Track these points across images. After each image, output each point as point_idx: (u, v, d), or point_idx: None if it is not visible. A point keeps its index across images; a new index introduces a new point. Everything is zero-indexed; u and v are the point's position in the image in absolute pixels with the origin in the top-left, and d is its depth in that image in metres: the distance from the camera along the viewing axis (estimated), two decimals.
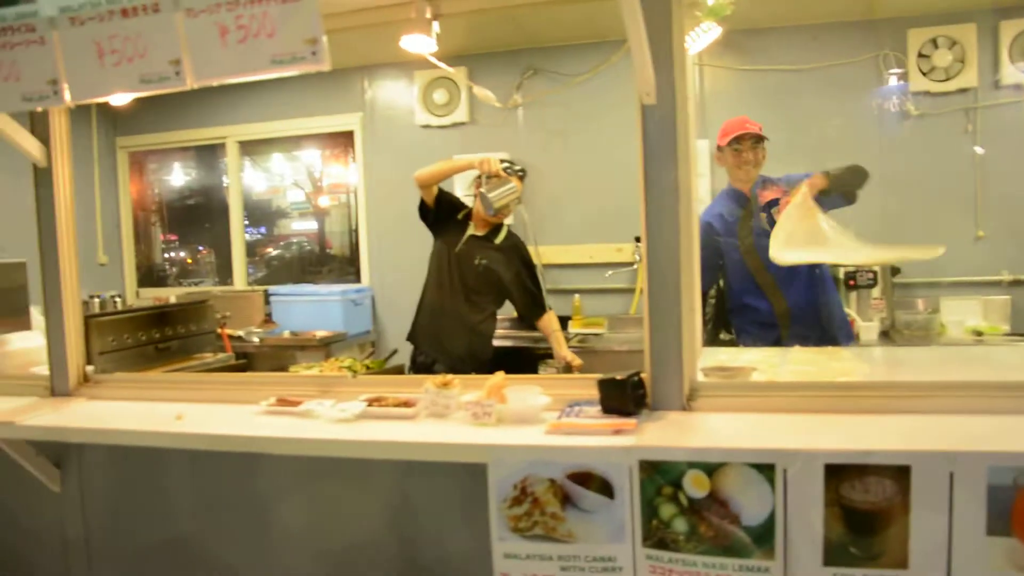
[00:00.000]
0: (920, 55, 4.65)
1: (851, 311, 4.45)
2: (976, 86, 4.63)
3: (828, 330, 3.40)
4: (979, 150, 4.63)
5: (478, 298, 3.80)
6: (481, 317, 3.82)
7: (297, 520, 2.36)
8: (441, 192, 3.84)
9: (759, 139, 3.42)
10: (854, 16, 4.75)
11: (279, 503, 2.38)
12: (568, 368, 3.76)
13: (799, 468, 1.62)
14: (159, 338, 4.12)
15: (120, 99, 2.03)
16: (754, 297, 3.43)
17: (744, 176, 3.46)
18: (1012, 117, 4.61)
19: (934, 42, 4.62)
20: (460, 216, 3.86)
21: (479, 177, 3.77)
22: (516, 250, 3.90)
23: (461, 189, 4.95)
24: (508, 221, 3.92)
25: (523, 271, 3.89)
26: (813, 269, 3.35)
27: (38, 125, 2.57)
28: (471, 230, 3.82)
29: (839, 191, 3.14)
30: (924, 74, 4.66)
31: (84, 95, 1.92)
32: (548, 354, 3.93)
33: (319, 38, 1.66)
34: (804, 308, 3.39)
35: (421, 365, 3.84)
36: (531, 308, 3.92)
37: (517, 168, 3.79)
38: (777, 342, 3.38)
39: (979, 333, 4.37)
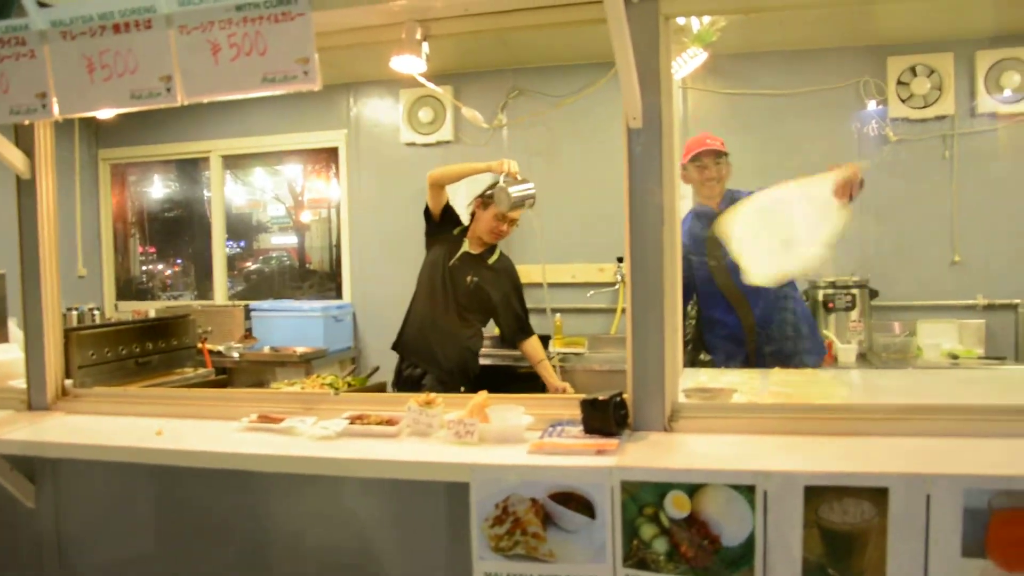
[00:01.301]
0: (899, 82, 4.74)
1: (830, 333, 4.51)
2: (953, 113, 4.72)
3: (795, 344, 3.45)
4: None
5: (468, 314, 3.81)
6: (470, 332, 3.83)
7: (275, 538, 2.34)
8: (448, 204, 3.85)
9: (720, 154, 3.43)
10: (836, 43, 4.82)
11: (257, 520, 2.36)
12: None
13: (779, 489, 1.63)
14: (139, 352, 4.09)
15: (106, 113, 2.03)
16: (723, 311, 3.46)
17: (709, 192, 3.47)
18: (988, 145, 4.71)
19: (913, 70, 4.71)
20: (456, 232, 3.87)
21: (480, 196, 3.78)
22: (507, 272, 3.91)
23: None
24: (500, 244, 3.92)
25: (512, 294, 3.90)
26: (780, 285, 3.36)
27: (22, 137, 2.54)
28: (466, 247, 3.82)
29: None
30: (903, 101, 4.74)
31: (73, 109, 1.92)
32: (531, 373, 3.93)
33: (311, 58, 1.68)
34: (771, 322, 3.43)
35: (409, 377, 3.81)
36: (516, 331, 3.92)
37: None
38: (746, 356, 3.44)
39: (955, 356, 4.43)
